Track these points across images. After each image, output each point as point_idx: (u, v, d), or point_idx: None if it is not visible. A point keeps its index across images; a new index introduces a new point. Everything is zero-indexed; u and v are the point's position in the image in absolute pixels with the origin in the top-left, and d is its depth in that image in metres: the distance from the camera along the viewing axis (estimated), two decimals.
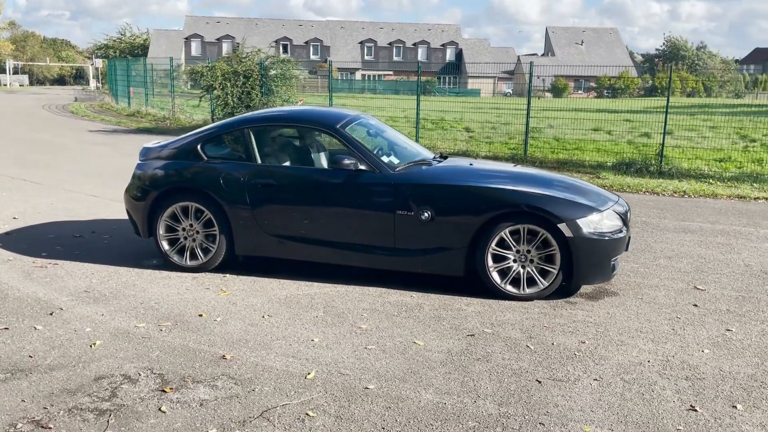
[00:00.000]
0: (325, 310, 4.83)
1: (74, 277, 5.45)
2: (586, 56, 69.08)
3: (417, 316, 4.75)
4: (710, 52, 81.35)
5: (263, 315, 4.70)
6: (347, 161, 5.25)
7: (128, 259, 6.04)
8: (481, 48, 68.64)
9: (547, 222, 4.95)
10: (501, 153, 14.99)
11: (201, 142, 5.70)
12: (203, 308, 4.81)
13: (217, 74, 18.01)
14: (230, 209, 5.47)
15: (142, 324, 4.48)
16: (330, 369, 3.84)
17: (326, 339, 4.29)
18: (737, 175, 13.05)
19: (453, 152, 14.83)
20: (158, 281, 5.41)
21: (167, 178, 5.64)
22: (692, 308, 5.07)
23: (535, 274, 5.07)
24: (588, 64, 59.96)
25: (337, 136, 5.50)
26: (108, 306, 4.81)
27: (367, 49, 66.80)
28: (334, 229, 5.36)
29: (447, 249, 5.15)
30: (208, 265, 5.64)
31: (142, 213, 5.72)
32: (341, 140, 5.47)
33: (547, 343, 4.32)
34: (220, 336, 4.31)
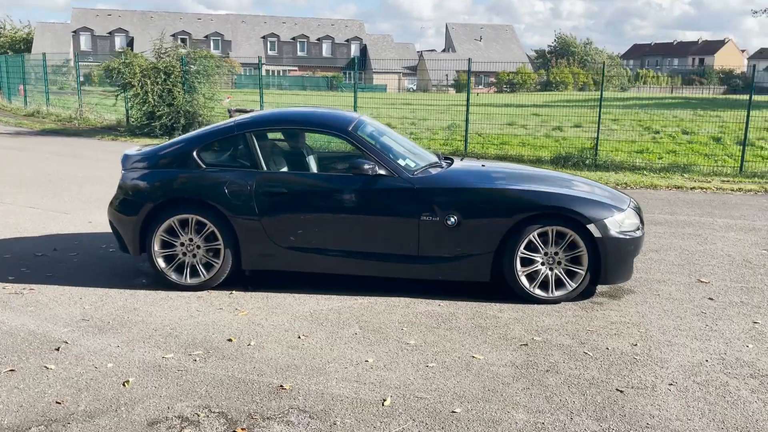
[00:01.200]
0: (360, 326, 4.54)
1: (61, 304, 4.84)
2: (484, 52, 71.03)
3: (457, 327, 4.55)
4: (597, 48, 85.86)
5: (298, 336, 4.35)
6: (367, 166, 4.96)
7: (112, 279, 5.46)
8: (385, 44, 68.99)
9: (575, 223, 4.89)
10: (444, 151, 14.98)
11: (196, 148, 5.22)
12: (228, 332, 4.39)
13: (136, 71, 16.93)
14: (236, 221, 5.04)
15: (169, 355, 4.02)
16: (403, 393, 3.58)
17: (380, 359, 4.01)
18: (666, 166, 13.71)
19: None
20: (160, 303, 4.91)
21: (163, 189, 5.12)
22: (710, 302, 5.18)
23: (563, 276, 5.00)
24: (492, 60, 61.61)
25: (351, 139, 5.20)
26: (119, 336, 4.29)
27: (270, 43, 65.44)
28: (352, 238, 5.06)
29: (473, 254, 4.98)
30: (212, 282, 5.18)
31: (133, 228, 5.17)
32: (355, 144, 5.17)
33: (601, 348, 4.25)
34: (263, 363, 3.93)
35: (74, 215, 7.82)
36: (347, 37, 68.77)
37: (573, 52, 77.93)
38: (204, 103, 17.63)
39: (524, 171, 5.77)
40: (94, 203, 8.55)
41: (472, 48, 71.45)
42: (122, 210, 5.22)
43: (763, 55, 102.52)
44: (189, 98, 17.19)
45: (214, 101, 18.10)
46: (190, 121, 17.31)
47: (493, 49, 71.40)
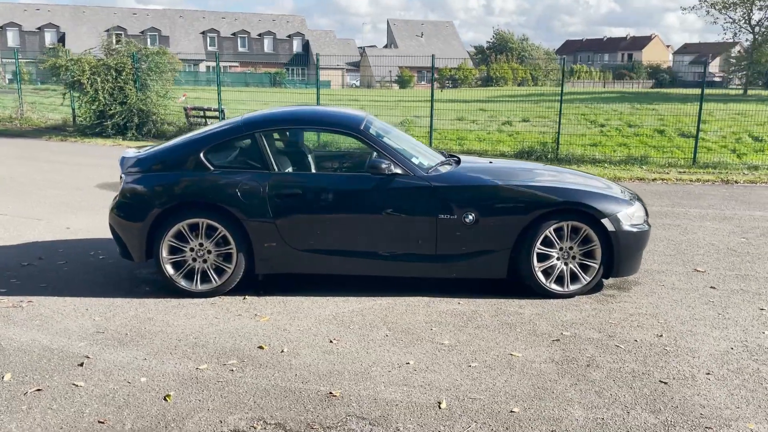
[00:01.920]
0: (388, 327, 4.49)
1: (68, 316, 4.60)
2: (426, 48, 71.49)
3: (485, 325, 4.55)
4: (533, 44, 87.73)
5: (329, 340, 4.26)
6: (384, 165, 4.90)
7: (112, 288, 5.22)
8: (327, 40, 68.58)
9: (590, 218, 4.96)
10: None
11: (203, 149, 5.04)
12: (255, 339, 4.26)
13: (85, 68, 16.27)
14: (250, 224, 4.90)
15: (203, 365, 3.87)
16: (456, 394, 3.55)
17: (421, 361, 3.97)
18: (624, 159, 14.13)
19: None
20: (173, 312, 4.72)
21: (171, 192, 4.92)
22: (713, 291, 5.35)
23: (578, 271, 5.07)
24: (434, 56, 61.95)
25: (365, 138, 5.12)
26: (142, 348, 4.10)
27: (210, 39, 64.04)
28: (369, 239, 4.99)
29: (491, 251, 4.99)
30: (223, 288, 5.02)
31: (139, 234, 4.95)
32: (369, 143, 5.10)
33: (629, 340, 4.33)
34: (304, 370, 3.83)
35: (48, 221, 7.45)
36: (289, 33, 68.03)
37: (511, 48, 79.34)
38: (157, 101, 17.10)
39: (533, 167, 5.82)
40: (63, 207, 8.17)
41: (414, 44, 71.87)
42: (126, 215, 4.99)
43: (688, 50, 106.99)
44: (142, 96, 16.62)
45: (168, 99, 17.57)
46: (143, 120, 16.79)
47: (435, 45, 71.98)
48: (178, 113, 17.73)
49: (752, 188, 10.98)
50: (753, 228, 7.71)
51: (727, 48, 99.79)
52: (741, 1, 49.92)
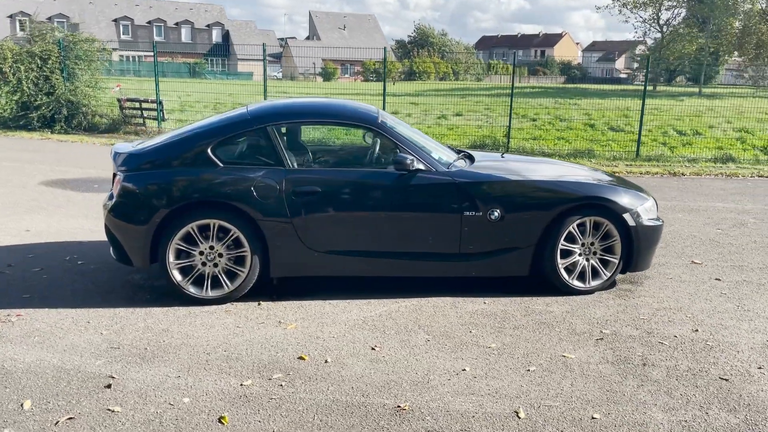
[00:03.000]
0: (425, 331, 4.27)
1: (69, 331, 4.12)
2: (349, 41, 71.19)
3: (522, 325, 4.42)
4: (453, 39, 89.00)
5: (371, 347, 4.01)
6: (409, 160, 4.67)
7: (109, 296, 4.75)
8: (248, 30, 66.93)
9: (611, 212, 4.92)
10: None
11: (210, 144, 4.64)
12: (291, 349, 3.95)
13: (7, 56, 15.06)
14: (266, 224, 4.55)
15: (247, 381, 3.53)
16: (529, 402, 3.39)
17: (476, 367, 3.78)
18: (572, 152, 14.45)
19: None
20: (187, 321, 4.33)
21: (179, 191, 4.50)
22: (720, 283, 5.45)
23: (598, 266, 5.03)
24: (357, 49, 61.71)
25: (382, 132, 4.87)
26: (170, 364, 3.71)
27: (123, 27, 61.10)
28: (391, 238, 4.75)
29: (515, 249, 4.87)
30: (236, 294, 4.66)
31: (142, 237, 4.50)
32: (387, 137, 4.86)
33: (669, 335, 4.31)
34: (358, 381, 3.56)
35: (4, 223, 6.75)
36: (208, 22, 65.92)
37: (432, 43, 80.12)
38: (87, 92, 16.05)
39: (546, 161, 5.74)
40: (14, 208, 7.47)
41: (337, 36, 71.38)
42: (127, 217, 4.53)
43: (596, 47, 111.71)
44: (71, 86, 15.55)
45: (97, 89, 16.52)
46: (73, 112, 15.74)
47: (357, 38, 71.77)
48: (111, 105, 16.71)
49: (700, 180, 11.43)
50: (722, 219, 7.97)
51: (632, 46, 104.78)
52: (651, 1, 52.43)
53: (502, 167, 5.28)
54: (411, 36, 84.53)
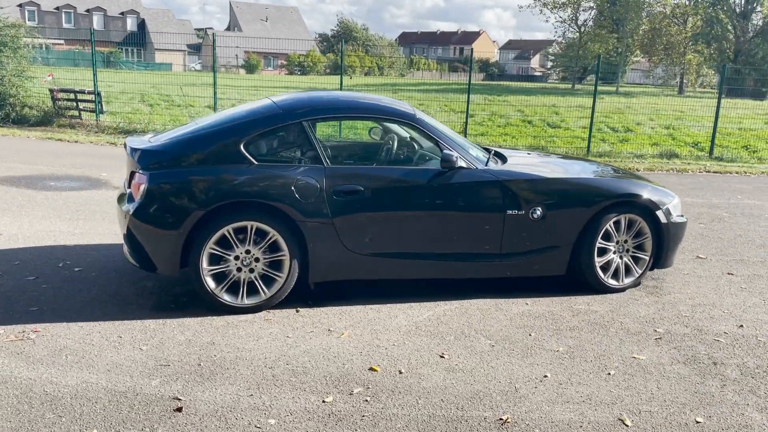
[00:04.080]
0: (484, 335, 4.11)
1: (102, 347, 3.69)
2: (271, 33, 69.92)
3: (576, 326, 4.34)
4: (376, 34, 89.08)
5: (440, 355, 3.80)
6: (455, 158, 4.50)
7: (129, 307, 4.31)
8: (165, 19, 64.38)
9: (646, 210, 4.92)
10: None
11: (243, 140, 4.29)
12: (358, 360, 3.69)
13: None
14: (307, 226, 4.25)
15: (328, 398, 3.26)
16: (627, 409, 3.29)
17: (556, 373, 3.65)
18: (527, 149, 14.64)
19: None
20: (231, 332, 3.98)
21: (214, 192, 4.12)
22: (734, 277, 5.57)
23: (631, 264, 5.02)
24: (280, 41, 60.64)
25: (421, 127, 4.67)
26: (234, 381, 3.37)
27: (29, 13, 57.33)
28: (435, 239, 4.56)
29: (554, 247, 4.78)
30: (273, 300, 4.34)
31: (174, 242, 4.10)
32: (427, 133, 4.66)
33: (719, 332, 4.33)
34: (445, 392, 3.36)
35: None
36: (122, 10, 62.92)
37: (355, 38, 79.91)
38: (13, 82, 14.87)
39: (581, 159, 5.67)
40: None
41: (259, 28, 69.93)
42: (156, 221, 4.10)
43: (511, 46, 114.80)
44: None
45: (25, 79, 15.34)
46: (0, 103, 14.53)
47: (280, 31, 70.60)
48: (41, 95, 15.57)
49: (655, 176, 11.80)
50: (699, 214, 8.22)
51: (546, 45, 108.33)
52: (569, 2, 54.30)
53: (539, 165, 5.19)
54: (334, 30, 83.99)
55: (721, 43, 47.88)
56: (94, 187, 8.14)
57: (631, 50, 58.46)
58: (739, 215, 8.22)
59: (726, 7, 47.29)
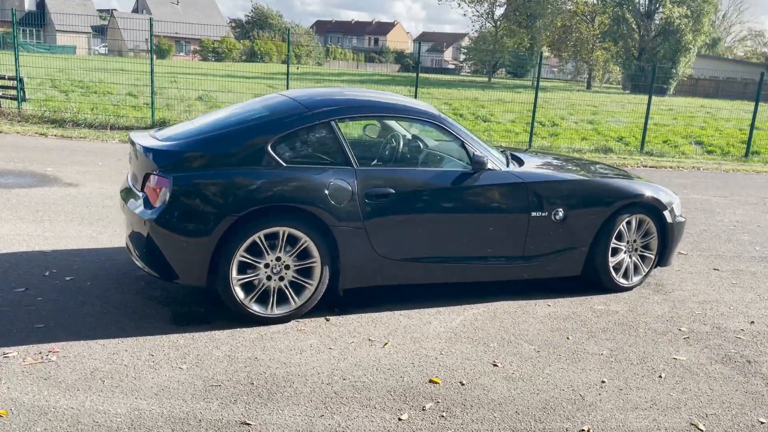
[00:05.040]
0: (525, 340, 4.07)
1: (136, 368, 3.37)
2: (183, 17, 67.43)
3: (606, 328, 4.37)
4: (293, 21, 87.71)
5: (492, 363, 3.72)
6: (485, 159, 4.43)
7: (143, 321, 3.98)
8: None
9: (654, 210, 5.04)
10: None
11: (270, 140, 4.03)
12: (413, 372, 3.55)
13: None
14: (340, 231, 4.06)
15: (404, 416, 3.11)
16: (695, 412, 3.34)
17: (611, 378, 3.65)
18: None
19: None
20: (269, 345, 3.74)
21: (247, 195, 3.84)
22: (722, 273, 5.81)
23: (639, 263, 5.13)
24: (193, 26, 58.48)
25: (445, 126, 4.56)
26: (296, 401, 3.16)
27: None
28: (464, 242, 4.47)
29: (573, 248, 4.81)
30: (303, 309, 4.12)
31: (203, 250, 3.80)
32: (451, 132, 4.55)
33: (737, 329, 4.48)
34: (516, 404, 3.29)
35: None
36: None
37: (271, 24, 78.44)
38: None
39: (588, 160, 5.71)
40: None
41: (169, 11, 67.27)
42: (183, 228, 3.78)
43: (426, 38, 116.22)
44: None
45: None
46: None
47: (192, 15, 68.16)
48: None
49: None
50: None
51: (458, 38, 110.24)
52: None
53: (557, 166, 5.19)
54: (249, 16, 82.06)
55: (627, 41, 50.21)
56: (44, 184, 7.52)
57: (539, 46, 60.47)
58: (694, 210, 8.61)
59: (631, 7, 49.64)
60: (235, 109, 4.62)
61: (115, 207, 6.59)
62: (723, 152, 16.18)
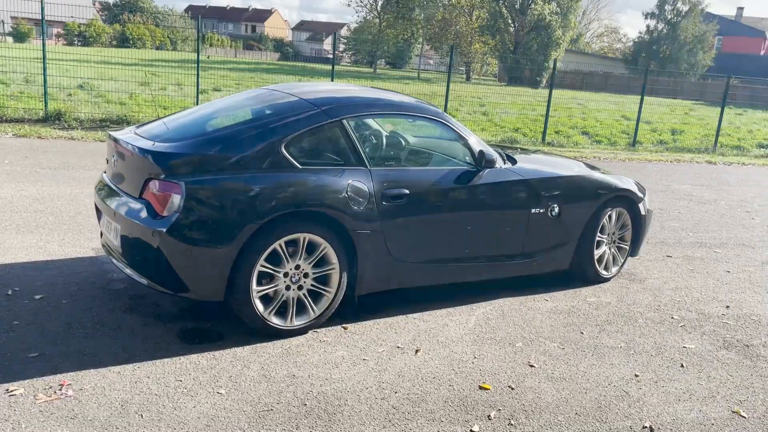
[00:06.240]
0: (545, 338, 4.09)
1: (168, 397, 3.03)
2: None
3: (610, 320, 4.48)
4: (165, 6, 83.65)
5: (529, 364, 3.70)
6: (494, 156, 4.40)
7: (148, 342, 3.59)
8: None
9: (631, 203, 5.24)
10: None
11: (283, 142, 3.75)
12: (459, 380, 3.46)
13: None
14: (359, 236, 3.87)
15: (474, 427, 3.01)
16: (731, 399, 3.49)
17: (641, 371, 3.74)
18: None
19: None
20: (300, 360, 3.50)
21: (270, 200, 3.54)
22: (674, 260, 6.15)
23: (617, 254, 5.33)
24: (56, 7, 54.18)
25: (449, 124, 4.48)
26: (365, 422, 2.98)
27: None
28: (473, 241, 4.42)
29: (564, 243, 4.91)
30: (321, 319, 3.90)
31: (222, 262, 3.48)
32: (455, 129, 4.48)
33: (719, 315, 4.75)
34: (568, 405, 3.28)
35: None
36: None
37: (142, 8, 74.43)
38: None
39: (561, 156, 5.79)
40: None
41: None
42: (202, 239, 3.42)
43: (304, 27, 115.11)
44: None
45: None
46: None
47: None
48: None
49: None
50: None
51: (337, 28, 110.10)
52: None
53: (546, 162, 5.23)
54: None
55: (504, 35, 52.37)
56: None
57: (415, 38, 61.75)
58: None
59: (507, 3, 51.78)
60: (226, 105, 4.29)
61: (49, 212, 5.94)
62: (610, 142, 17.20)
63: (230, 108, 4.25)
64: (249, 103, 4.23)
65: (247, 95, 4.44)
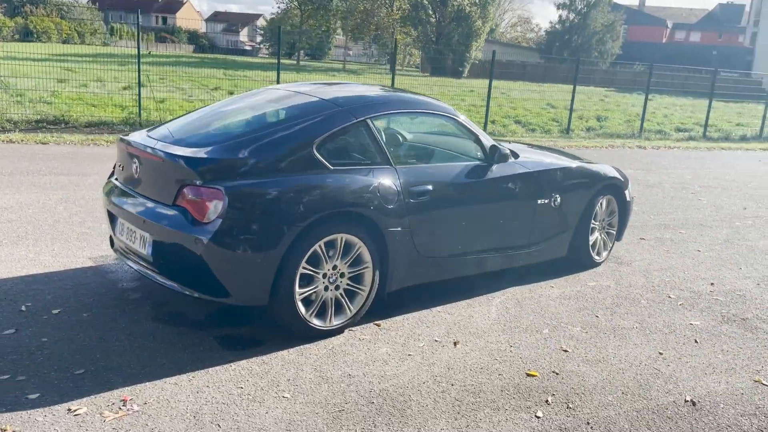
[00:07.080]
0: (566, 323, 4.27)
1: (239, 406, 3.00)
2: None
3: (615, 303, 4.72)
4: None
5: (563, 349, 3.87)
6: (507, 151, 4.54)
7: (190, 350, 3.52)
8: None
9: (618, 190, 5.52)
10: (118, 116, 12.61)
11: (314, 143, 3.74)
12: (504, 369, 3.57)
13: None
14: (390, 234, 3.92)
15: (538, 413, 3.14)
16: (750, 371, 3.76)
17: (663, 349, 3.97)
18: None
19: None
20: (349, 360, 3.52)
21: (310, 202, 3.52)
22: (648, 242, 6.52)
23: (607, 239, 5.60)
24: None
25: (461, 122, 4.59)
26: (439, 415, 3.05)
27: None
28: (490, 233, 4.56)
29: (564, 232, 5.12)
30: (357, 317, 3.93)
31: (268, 266, 3.44)
32: (467, 128, 4.59)
33: (707, 292, 5.08)
34: (612, 386, 3.46)
35: None
36: None
37: (46, 0, 70.63)
38: None
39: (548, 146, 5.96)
40: None
41: None
42: (248, 244, 3.37)
43: (218, 18, 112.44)
44: None
45: None
46: None
47: None
48: None
49: None
50: None
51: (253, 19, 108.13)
52: None
53: (543, 154, 5.40)
54: None
55: (426, 26, 52.96)
56: None
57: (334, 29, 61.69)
58: None
59: None
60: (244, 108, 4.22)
61: (25, 221, 5.65)
62: (544, 130, 17.78)
63: (250, 110, 4.19)
64: (270, 105, 4.19)
65: (266, 96, 4.38)
